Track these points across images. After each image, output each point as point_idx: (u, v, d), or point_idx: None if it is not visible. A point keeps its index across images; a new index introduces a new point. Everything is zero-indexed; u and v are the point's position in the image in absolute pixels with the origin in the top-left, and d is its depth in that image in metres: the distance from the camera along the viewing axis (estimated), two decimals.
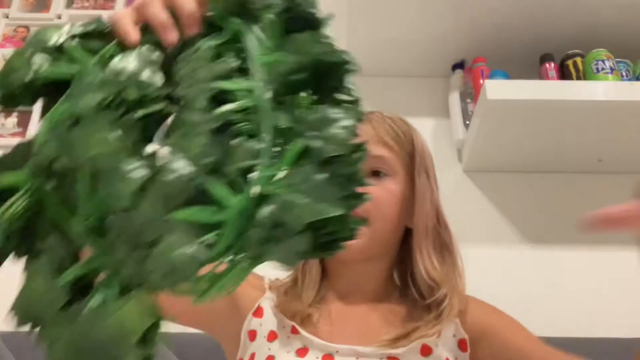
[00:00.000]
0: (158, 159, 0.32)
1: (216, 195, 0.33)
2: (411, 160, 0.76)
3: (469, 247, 0.78)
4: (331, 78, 0.38)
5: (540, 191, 1.31)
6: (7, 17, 1.58)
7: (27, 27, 1.57)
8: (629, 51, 1.28)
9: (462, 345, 0.72)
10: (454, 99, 1.36)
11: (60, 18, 1.57)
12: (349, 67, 0.38)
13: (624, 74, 1.23)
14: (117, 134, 0.33)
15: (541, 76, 1.28)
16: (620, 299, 1.18)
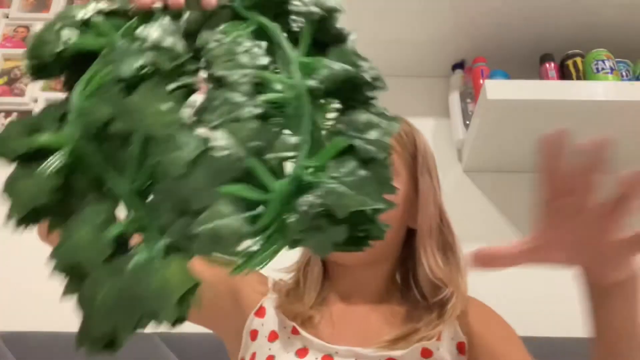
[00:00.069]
0: (208, 135, 0.34)
1: (261, 177, 0.35)
2: (413, 161, 0.76)
3: (469, 247, 0.77)
4: (360, 92, 0.41)
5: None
6: (7, 17, 1.58)
7: (27, 27, 1.57)
8: (629, 51, 1.28)
9: (461, 348, 0.71)
10: (454, 99, 1.37)
11: None
12: (379, 85, 0.42)
13: (624, 74, 1.23)
14: (171, 105, 0.34)
15: (541, 76, 1.28)
16: None
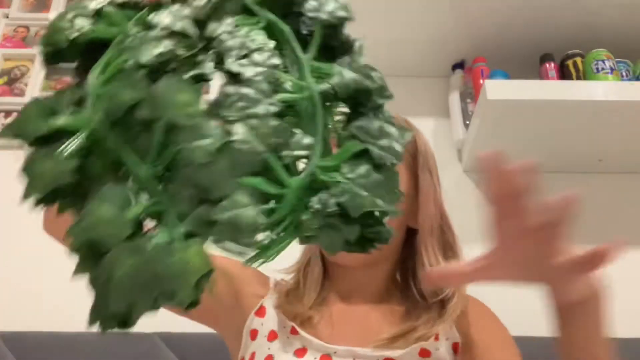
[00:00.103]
0: (229, 128, 0.35)
1: (277, 172, 0.36)
2: (414, 160, 0.76)
3: (469, 247, 0.78)
4: (369, 99, 0.42)
5: (540, 191, 1.30)
6: (7, 17, 1.58)
7: (27, 27, 1.57)
8: (629, 51, 1.28)
9: (455, 348, 0.71)
10: (454, 99, 1.37)
11: None
12: (387, 94, 0.43)
13: (624, 74, 1.23)
14: (194, 95, 0.35)
15: (541, 76, 1.28)
16: (620, 299, 1.18)
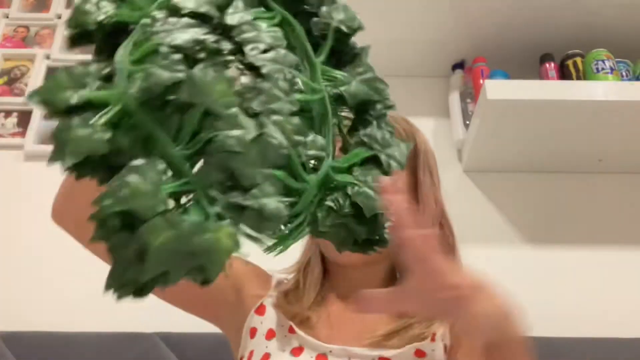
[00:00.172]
0: (261, 121, 0.37)
1: (297, 169, 0.38)
2: (414, 159, 0.76)
3: (469, 247, 0.78)
4: (374, 109, 0.46)
5: (540, 191, 1.31)
6: (7, 17, 1.58)
7: (27, 27, 1.57)
8: (629, 51, 1.28)
9: (445, 350, 0.71)
10: (454, 99, 1.37)
11: (60, 18, 1.57)
12: (390, 105, 0.47)
13: (624, 74, 1.23)
14: (230, 85, 0.37)
15: (541, 76, 1.28)
16: (620, 299, 1.18)
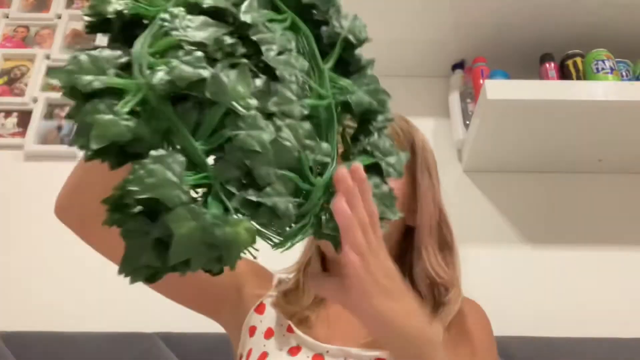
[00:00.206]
0: (277, 124, 0.39)
1: (305, 171, 0.40)
2: (413, 158, 0.75)
3: (469, 247, 0.78)
4: (375, 119, 0.48)
5: (540, 191, 1.31)
6: (7, 17, 1.58)
7: (27, 27, 1.57)
8: (629, 51, 1.28)
9: None
10: (454, 99, 1.37)
11: (60, 18, 1.57)
12: (389, 117, 0.48)
13: (624, 74, 1.23)
14: (251, 87, 0.38)
15: (541, 76, 1.28)
16: (620, 299, 1.18)
